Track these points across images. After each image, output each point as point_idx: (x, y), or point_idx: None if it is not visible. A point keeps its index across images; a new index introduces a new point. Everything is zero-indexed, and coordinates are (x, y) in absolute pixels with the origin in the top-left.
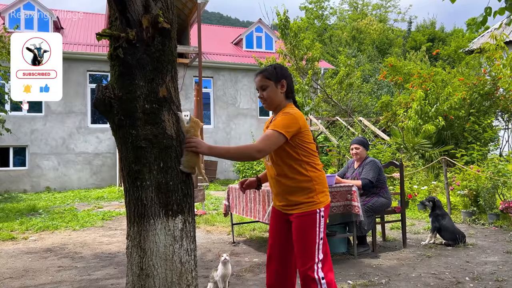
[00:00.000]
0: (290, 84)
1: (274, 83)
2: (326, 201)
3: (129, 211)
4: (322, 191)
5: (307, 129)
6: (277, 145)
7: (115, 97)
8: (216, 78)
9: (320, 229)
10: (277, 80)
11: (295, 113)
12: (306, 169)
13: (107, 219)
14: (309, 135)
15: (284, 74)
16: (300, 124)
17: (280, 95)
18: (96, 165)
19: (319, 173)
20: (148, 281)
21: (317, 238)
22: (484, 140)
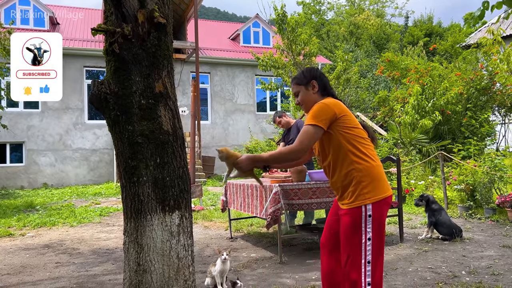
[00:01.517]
0: (322, 82)
1: (304, 86)
2: (376, 196)
3: (126, 206)
4: (371, 185)
5: (347, 114)
6: (315, 138)
7: (111, 93)
8: (213, 73)
9: (367, 229)
10: (307, 83)
11: (328, 102)
12: (351, 159)
13: (104, 215)
14: (351, 120)
15: (313, 74)
16: (335, 111)
17: (313, 96)
18: (93, 161)
19: (367, 164)
20: (145, 277)
21: (363, 239)
22: (481, 135)
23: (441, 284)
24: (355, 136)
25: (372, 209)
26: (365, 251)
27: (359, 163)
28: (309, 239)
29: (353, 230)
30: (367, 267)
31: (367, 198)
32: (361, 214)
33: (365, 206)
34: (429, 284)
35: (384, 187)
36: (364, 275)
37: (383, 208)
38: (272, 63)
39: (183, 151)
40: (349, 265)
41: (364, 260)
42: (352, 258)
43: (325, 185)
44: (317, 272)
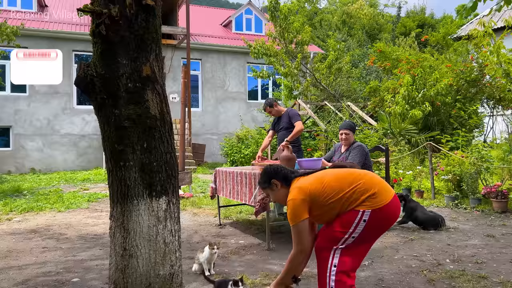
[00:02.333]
0: (280, 175)
1: (269, 188)
2: (374, 205)
3: (112, 191)
4: (369, 198)
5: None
6: (306, 231)
7: (97, 75)
8: (204, 60)
9: (356, 230)
10: (270, 184)
11: (293, 196)
12: (344, 201)
13: (93, 201)
14: (316, 189)
15: (269, 175)
16: (302, 198)
17: (281, 192)
18: (82, 146)
19: (358, 189)
20: (132, 261)
21: (348, 234)
22: (469, 127)
23: (426, 271)
24: (331, 191)
25: (369, 215)
26: (343, 242)
27: (350, 196)
28: None
29: (342, 223)
30: (337, 251)
31: (365, 205)
32: (356, 216)
33: (363, 211)
34: (414, 271)
35: (382, 196)
36: (332, 257)
37: (382, 216)
38: (264, 51)
39: (171, 136)
40: (323, 242)
41: (336, 246)
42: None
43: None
44: None
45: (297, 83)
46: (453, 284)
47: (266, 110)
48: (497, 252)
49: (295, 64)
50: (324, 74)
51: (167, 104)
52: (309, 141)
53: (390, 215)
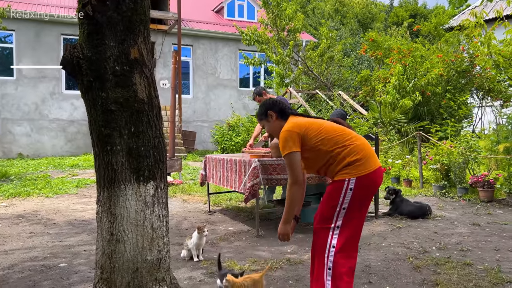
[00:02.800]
0: (277, 108)
1: (265, 120)
2: (359, 172)
3: (99, 176)
4: (355, 163)
5: (308, 127)
6: (297, 162)
7: (83, 57)
8: (195, 46)
9: (345, 200)
10: (266, 116)
11: (287, 127)
12: (332, 155)
13: (81, 187)
14: (313, 129)
15: (267, 106)
16: (296, 131)
17: (276, 123)
18: (71, 132)
19: (348, 148)
20: (119, 246)
21: (339, 206)
22: (459, 117)
23: (412, 258)
24: (325, 136)
25: (355, 183)
26: (337, 217)
27: (341, 151)
28: None
29: (331, 197)
30: (335, 231)
31: (350, 173)
32: (343, 186)
33: (349, 180)
34: (401, 258)
35: (367, 164)
36: (331, 238)
37: (367, 184)
38: (256, 38)
39: (159, 121)
40: (320, 224)
41: (333, 225)
42: (321, 222)
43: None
44: (293, 245)
45: (288, 71)
46: (438, 271)
47: (256, 99)
48: (482, 240)
49: (287, 51)
50: (316, 62)
51: (155, 88)
52: None
53: (373, 182)
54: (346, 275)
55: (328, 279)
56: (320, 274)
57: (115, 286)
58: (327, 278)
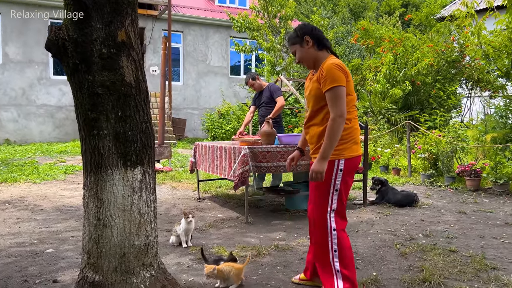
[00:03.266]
0: (315, 36)
1: (299, 44)
2: (349, 154)
3: (86, 160)
4: (346, 144)
5: (350, 79)
6: (344, 97)
7: (69, 39)
8: (186, 32)
9: (336, 181)
10: (301, 40)
11: (338, 62)
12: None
13: (70, 173)
14: (351, 87)
15: (305, 30)
16: (347, 72)
17: (310, 51)
18: (59, 118)
19: (349, 125)
20: (106, 231)
21: (332, 188)
22: (448, 107)
23: (399, 245)
24: (350, 100)
25: (344, 164)
26: (332, 201)
27: (351, 120)
28: (276, 201)
29: (325, 179)
30: (331, 214)
31: (342, 154)
32: (334, 167)
33: (339, 161)
34: (388, 245)
35: (357, 148)
36: (330, 222)
37: (353, 165)
38: (247, 25)
39: (147, 105)
40: (316, 212)
41: (330, 208)
42: (319, 206)
43: (294, 149)
44: (282, 232)
45: (280, 59)
46: (424, 258)
47: (248, 83)
48: (468, 228)
49: (278, 39)
50: None
51: (143, 72)
52: (291, 118)
53: (356, 166)
54: (349, 250)
55: (336, 261)
56: (326, 260)
57: (102, 271)
58: (334, 260)
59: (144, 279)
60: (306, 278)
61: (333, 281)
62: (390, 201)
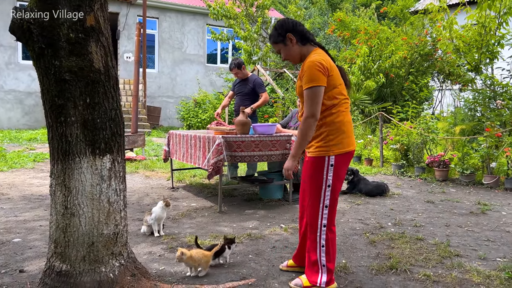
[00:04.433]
0: (298, 32)
1: (283, 43)
2: (340, 150)
3: (52, 148)
4: (337, 139)
5: (333, 72)
6: (321, 98)
7: (34, 23)
8: (162, 19)
9: (328, 177)
10: (284, 38)
11: (319, 59)
12: (326, 113)
13: (39, 161)
14: (336, 78)
15: (286, 28)
16: (327, 67)
17: (295, 48)
18: (28, 104)
19: (338, 119)
20: (73, 220)
21: (324, 184)
22: (420, 99)
23: (368, 233)
24: (336, 93)
25: (335, 160)
26: (324, 196)
27: (331, 117)
28: (250, 191)
29: (315, 176)
30: (324, 210)
31: (331, 150)
32: (324, 163)
33: (329, 157)
34: (358, 233)
35: (349, 142)
36: (321, 218)
37: (345, 160)
38: (223, 13)
39: (116, 92)
40: (309, 207)
41: (322, 204)
42: (312, 201)
43: (268, 139)
44: (255, 221)
45: (256, 48)
46: (392, 245)
47: (233, 70)
48: (435, 216)
49: (255, 28)
50: None
51: (112, 58)
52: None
53: (348, 161)
54: (335, 244)
55: (323, 256)
56: (313, 253)
57: (70, 260)
58: (321, 255)
59: (113, 268)
60: (295, 264)
61: (318, 275)
62: (362, 191)
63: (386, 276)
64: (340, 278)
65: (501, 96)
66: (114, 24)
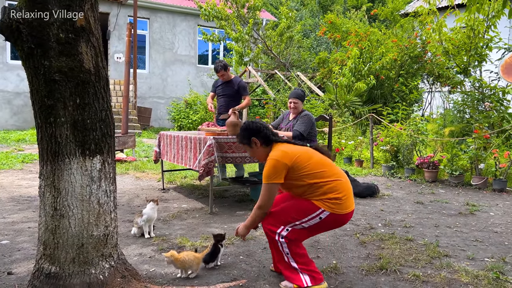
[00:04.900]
0: (261, 135)
1: (248, 145)
2: (336, 210)
3: (42, 149)
4: (335, 200)
5: (298, 158)
6: (274, 193)
7: (24, 22)
8: (152, 19)
9: (309, 222)
10: (249, 142)
11: (277, 157)
12: (314, 188)
13: (27, 162)
14: (302, 161)
15: (250, 132)
16: (285, 162)
17: (260, 150)
18: (17, 105)
19: (332, 184)
20: (63, 222)
21: (299, 222)
22: (410, 101)
23: (359, 234)
24: (312, 171)
25: (327, 216)
26: (293, 225)
27: (323, 186)
28: (241, 192)
29: (298, 211)
30: (280, 238)
31: (328, 206)
32: (315, 211)
33: (323, 210)
34: (348, 234)
35: (345, 204)
36: (279, 237)
37: (337, 220)
38: (215, 14)
39: (107, 93)
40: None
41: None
42: (275, 221)
43: None
44: None
45: (248, 49)
46: (382, 246)
47: (220, 72)
48: (424, 217)
49: (247, 29)
50: (275, 42)
51: (103, 58)
52: (258, 109)
53: (343, 222)
54: (301, 248)
55: (292, 261)
56: (282, 262)
57: (59, 262)
58: (290, 261)
59: (103, 270)
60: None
61: (299, 278)
62: (361, 192)
63: (376, 277)
64: (330, 279)
65: (489, 98)
66: (104, 24)
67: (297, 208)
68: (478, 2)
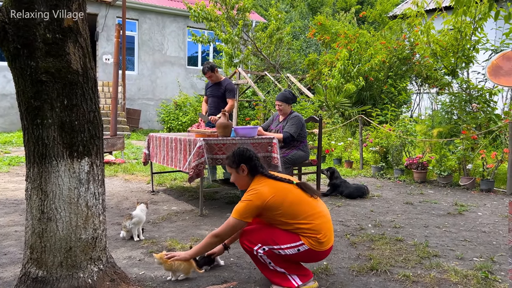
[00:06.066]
0: (251, 165)
1: (235, 170)
2: (316, 247)
3: (28, 151)
4: (314, 238)
5: (271, 201)
6: (236, 230)
7: (9, 22)
8: (141, 21)
9: (286, 250)
10: (238, 166)
11: (251, 198)
12: (294, 227)
13: (14, 165)
14: (276, 203)
15: (242, 158)
16: (258, 204)
17: (244, 178)
18: (3, 107)
19: (312, 224)
20: (50, 225)
21: (277, 247)
22: (398, 102)
23: (349, 235)
24: (285, 212)
25: (305, 250)
26: (270, 248)
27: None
28: (231, 193)
29: (276, 239)
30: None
31: (308, 242)
32: (295, 242)
33: (303, 244)
34: (338, 235)
35: (327, 243)
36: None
37: (314, 256)
38: (204, 15)
39: (95, 94)
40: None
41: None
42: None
43: (250, 141)
44: None
45: (237, 51)
46: (372, 247)
47: (208, 73)
48: (414, 218)
49: (236, 31)
50: (265, 43)
51: (91, 59)
52: (248, 111)
53: (320, 258)
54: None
55: (277, 267)
56: (267, 271)
57: (46, 266)
58: (276, 268)
59: (92, 274)
60: None
61: (288, 280)
62: (342, 193)
63: (366, 277)
64: (321, 280)
65: (476, 99)
66: (93, 25)
67: (279, 233)
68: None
